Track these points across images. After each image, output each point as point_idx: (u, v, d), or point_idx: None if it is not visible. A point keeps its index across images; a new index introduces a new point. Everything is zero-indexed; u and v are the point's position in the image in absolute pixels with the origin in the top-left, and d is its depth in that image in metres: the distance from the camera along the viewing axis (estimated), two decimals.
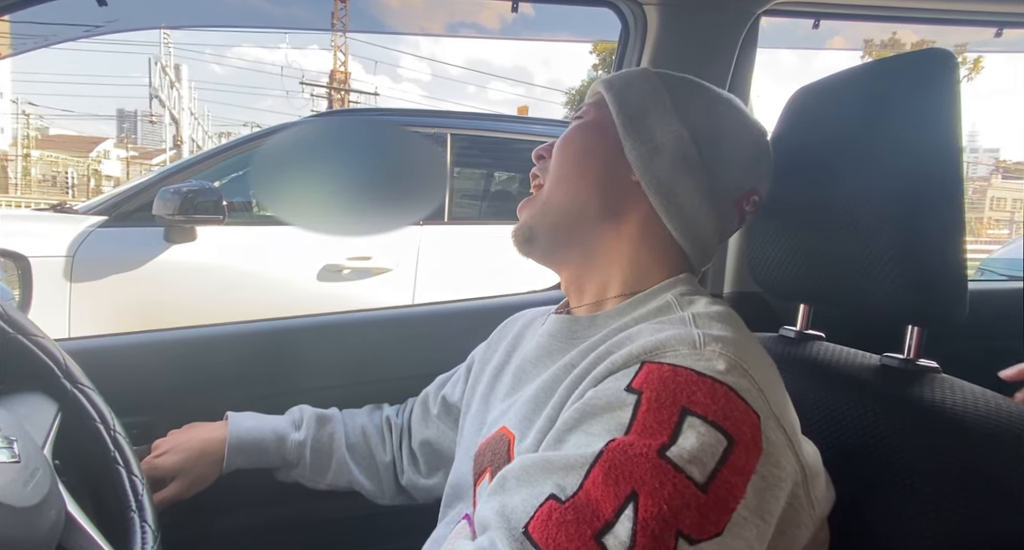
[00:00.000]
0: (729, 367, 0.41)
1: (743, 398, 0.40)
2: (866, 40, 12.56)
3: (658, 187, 0.55)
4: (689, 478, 0.36)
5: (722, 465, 0.37)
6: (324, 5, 17.60)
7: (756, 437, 0.39)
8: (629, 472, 0.37)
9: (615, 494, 0.36)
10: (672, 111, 0.56)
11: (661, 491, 0.36)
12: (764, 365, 0.45)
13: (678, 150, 0.55)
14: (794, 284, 0.65)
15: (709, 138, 0.56)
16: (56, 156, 34.82)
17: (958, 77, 0.51)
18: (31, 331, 0.56)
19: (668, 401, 0.39)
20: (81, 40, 1.06)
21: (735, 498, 0.37)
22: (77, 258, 2.01)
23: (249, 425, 0.78)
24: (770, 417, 0.41)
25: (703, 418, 0.38)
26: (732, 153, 0.56)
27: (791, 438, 0.42)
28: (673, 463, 0.36)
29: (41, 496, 0.43)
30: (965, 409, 0.49)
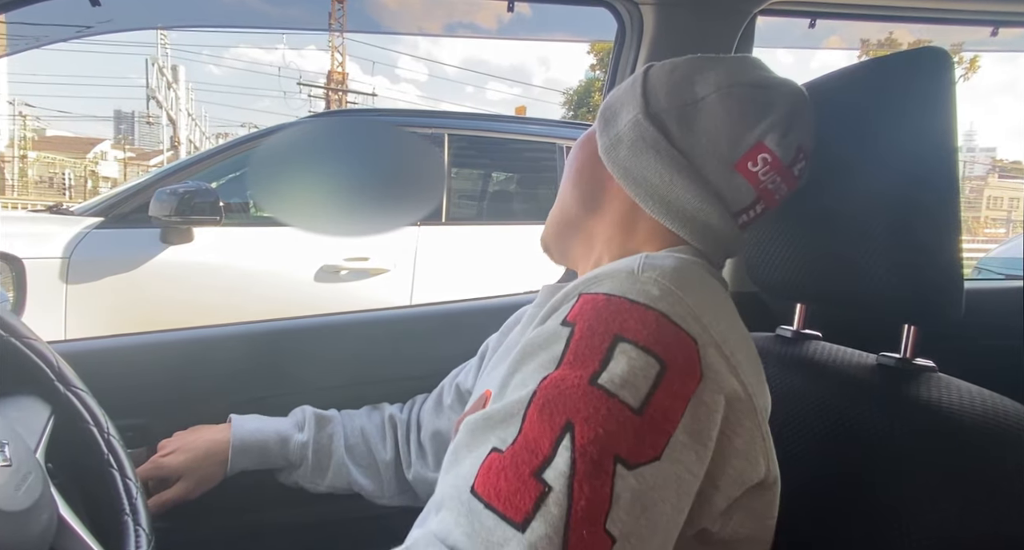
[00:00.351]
0: (663, 293, 0.40)
1: (677, 324, 0.39)
2: (863, 39, 12.60)
3: (624, 174, 0.54)
4: (623, 402, 0.36)
5: (656, 389, 0.37)
6: (321, 6, 17.58)
7: (692, 362, 0.39)
8: (562, 404, 0.36)
9: (551, 428, 0.36)
10: (638, 99, 0.55)
11: (596, 416, 0.35)
12: (705, 294, 0.44)
13: (636, 133, 0.54)
14: (791, 284, 0.65)
15: (676, 112, 0.53)
16: (53, 157, 34.76)
17: (953, 76, 0.51)
18: (24, 334, 0.56)
19: (600, 329, 0.39)
20: (77, 41, 1.06)
21: (671, 422, 0.37)
22: (73, 260, 2.00)
23: (252, 427, 0.79)
24: (709, 344, 0.40)
25: (634, 343, 0.38)
26: (709, 118, 0.52)
27: (734, 366, 0.41)
28: (605, 389, 0.36)
29: (33, 500, 0.43)
30: (962, 408, 0.49)
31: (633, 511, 0.34)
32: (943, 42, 3.56)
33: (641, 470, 0.35)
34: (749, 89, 0.53)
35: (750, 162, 0.52)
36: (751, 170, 0.52)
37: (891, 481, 0.48)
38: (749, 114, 0.52)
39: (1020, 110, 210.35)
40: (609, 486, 0.34)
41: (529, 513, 0.33)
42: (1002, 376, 0.76)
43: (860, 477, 0.50)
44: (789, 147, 0.52)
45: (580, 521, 0.33)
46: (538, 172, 2.72)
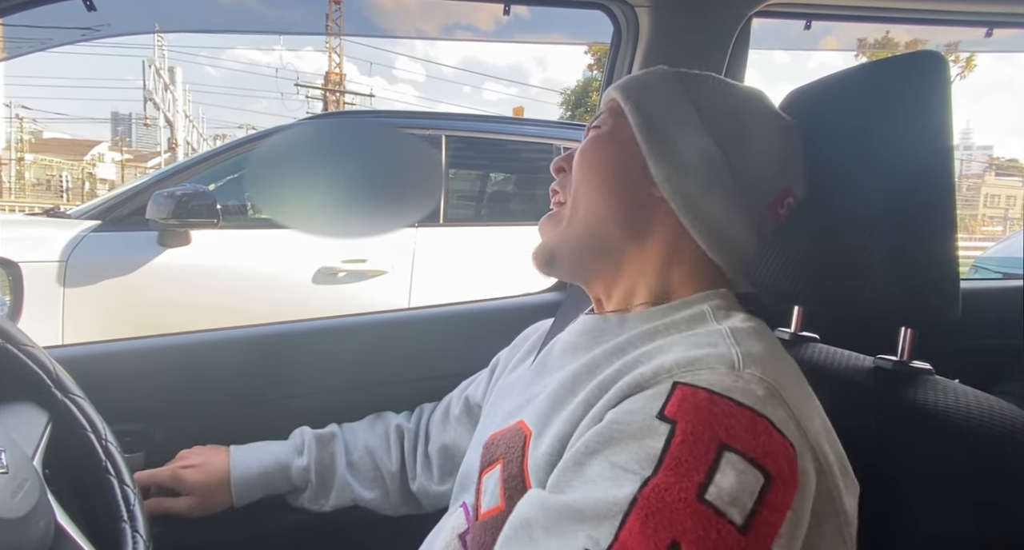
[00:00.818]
0: (768, 395, 0.39)
1: (780, 431, 0.37)
2: (859, 39, 12.61)
3: (688, 206, 0.52)
4: (731, 522, 0.34)
5: (760, 504, 0.35)
6: (319, 7, 17.57)
7: (792, 471, 0.37)
8: (668, 520, 0.34)
9: (655, 544, 0.34)
10: (696, 121, 0.53)
11: (705, 539, 0.33)
12: (799, 388, 0.43)
13: (708, 168, 0.52)
14: (788, 286, 0.66)
15: (737, 147, 0.53)
16: (50, 160, 34.68)
17: (948, 78, 0.52)
18: (20, 340, 0.56)
19: (705, 435, 0.36)
20: (76, 44, 1.06)
21: (771, 536, 0.35)
22: (70, 263, 2.00)
23: (252, 459, 0.78)
24: (805, 447, 0.38)
25: (742, 454, 0.36)
26: (762, 157, 0.53)
27: (825, 469, 0.40)
28: (714, 507, 0.34)
29: (30, 507, 0.43)
30: (958, 411, 0.49)
31: None
32: (939, 42, 3.54)
33: None
34: (784, 128, 0.55)
35: (779, 204, 0.55)
36: (779, 212, 0.55)
37: (888, 484, 0.48)
38: (787, 156, 0.55)
39: (1016, 108, 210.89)
40: None
41: None
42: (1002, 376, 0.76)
43: (859, 480, 0.50)
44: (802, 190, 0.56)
45: None
46: (536, 173, 2.72)
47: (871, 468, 0.49)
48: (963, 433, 0.48)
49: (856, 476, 0.51)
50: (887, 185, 0.53)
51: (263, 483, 0.77)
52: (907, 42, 8.79)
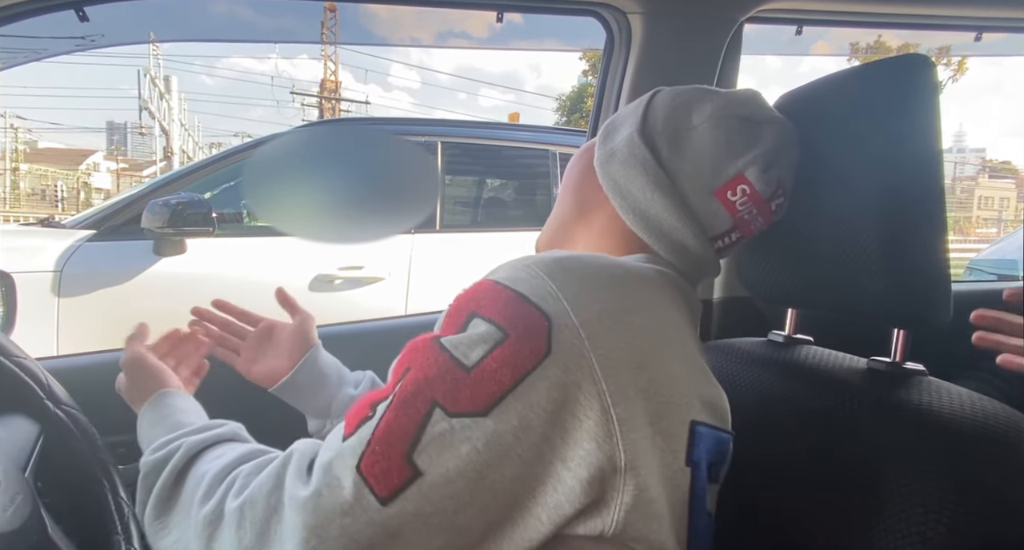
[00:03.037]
0: (528, 277, 0.44)
1: (532, 302, 0.42)
2: (852, 43, 12.72)
3: (612, 186, 0.58)
4: (454, 358, 0.40)
5: (490, 353, 0.40)
6: (314, 16, 17.62)
7: (538, 337, 0.40)
8: (409, 356, 0.42)
9: (397, 374, 0.42)
10: (637, 118, 0.58)
11: (424, 364, 0.41)
12: (584, 282, 0.44)
13: (628, 150, 0.57)
14: (782, 289, 0.66)
15: (668, 135, 0.57)
16: (45, 169, 34.63)
17: (936, 81, 0.52)
18: (12, 352, 0.56)
19: (464, 307, 0.44)
20: (71, 54, 1.06)
21: (498, 384, 0.39)
22: (65, 273, 1.99)
23: (330, 360, 0.82)
24: (566, 326, 0.41)
25: (483, 317, 0.42)
26: (698, 146, 0.56)
27: (591, 349, 0.41)
28: (441, 345, 0.41)
29: (21, 521, 0.43)
30: (952, 412, 0.50)
31: (442, 453, 0.38)
32: (931, 45, 3.61)
33: (461, 420, 0.39)
34: (738, 122, 0.56)
35: (729, 191, 0.55)
36: (729, 199, 0.56)
37: (882, 485, 0.48)
38: (735, 145, 0.56)
39: (1009, 110, 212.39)
40: (417, 422, 0.39)
41: (354, 429, 0.40)
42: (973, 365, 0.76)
43: (852, 482, 0.50)
44: (769, 182, 0.55)
45: (377, 439, 0.39)
46: (532, 179, 2.73)
47: (866, 469, 0.50)
48: (957, 433, 0.48)
49: (850, 477, 0.51)
50: (877, 188, 0.53)
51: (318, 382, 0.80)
52: (899, 46, 8.86)
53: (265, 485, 0.42)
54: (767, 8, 0.97)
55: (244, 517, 0.41)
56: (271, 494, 0.41)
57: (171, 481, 0.48)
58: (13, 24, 0.84)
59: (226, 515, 0.42)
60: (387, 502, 0.38)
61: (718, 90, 0.59)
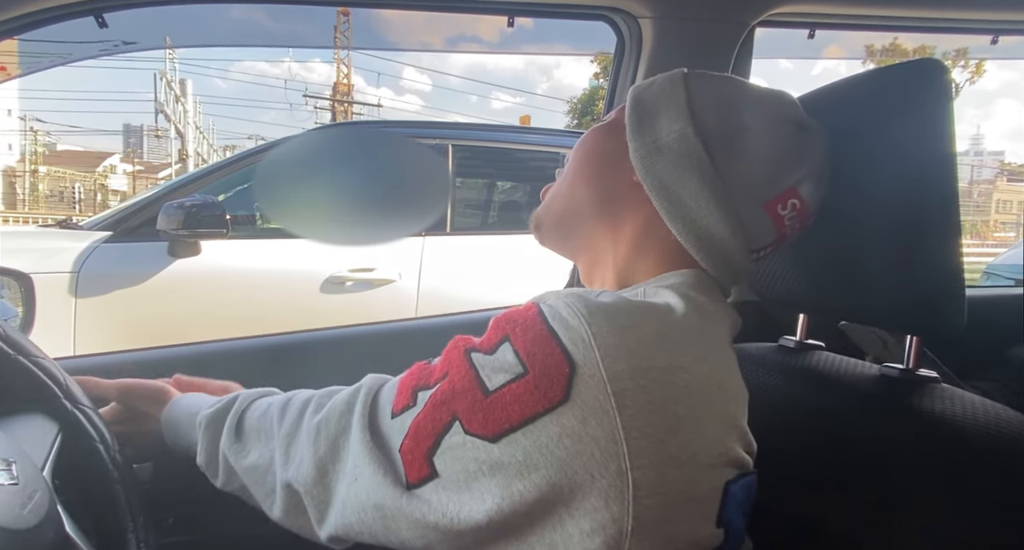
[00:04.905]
0: (568, 315, 0.42)
1: (561, 343, 0.41)
2: (866, 46, 12.59)
3: (659, 188, 0.51)
4: (478, 378, 0.42)
5: (506, 386, 0.41)
6: (327, 20, 17.77)
7: (558, 384, 0.40)
8: (450, 359, 0.45)
9: (441, 369, 0.45)
10: (684, 108, 0.52)
11: (455, 375, 0.43)
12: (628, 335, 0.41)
13: (682, 149, 0.51)
14: (793, 294, 0.65)
15: (723, 135, 0.51)
16: (63, 171, 35.17)
17: (949, 85, 0.52)
18: (31, 352, 0.57)
19: (504, 326, 0.44)
20: (93, 59, 1.08)
21: (508, 419, 0.40)
22: (82, 274, 2.02)
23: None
24: (592, 377, 0.39)
25: (511, 345, 0.42)
26: (754, 151, 0.51)
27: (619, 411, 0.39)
28: (472, 361, 0.43)
29: (39, 518, 0.43)
30: (964, 419, 0.49)
31: (454, 463, 0.41)
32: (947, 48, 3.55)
33: (474, 439, 0.41)
34: (793, 128, 0.52)
35: (780, 205, 0.52)
36: (779, 213, 0.52)
37: (895, 493, 0.48)
38: (791, 156, 0.52)
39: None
40: (439, 429, 0.42)
41: (400, 410, 0.46)
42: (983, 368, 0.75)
43: (863, 489, 0.50)
44: (817, 198, 0.53)
45: (411, 433, 0.44)
46: (543, 181, 2.71)
47: (878, 476, 0.49)
48: (970, 441, 0.47)
49: (861, 483, 0.50)
50: (890, 192, 0.53)
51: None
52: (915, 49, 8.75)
53: (337, 408, 0.50)
54: (779, 12, 0.96)
55: (320, 432, 0.49)
56: (343, 416, 0.49)
57: (238, 416, 0.58)
58: (38, 30, 0.86)
59: (303, 429, 0.51)
60: (412, 488, 0.43)
61: (749, 83, 0.56)
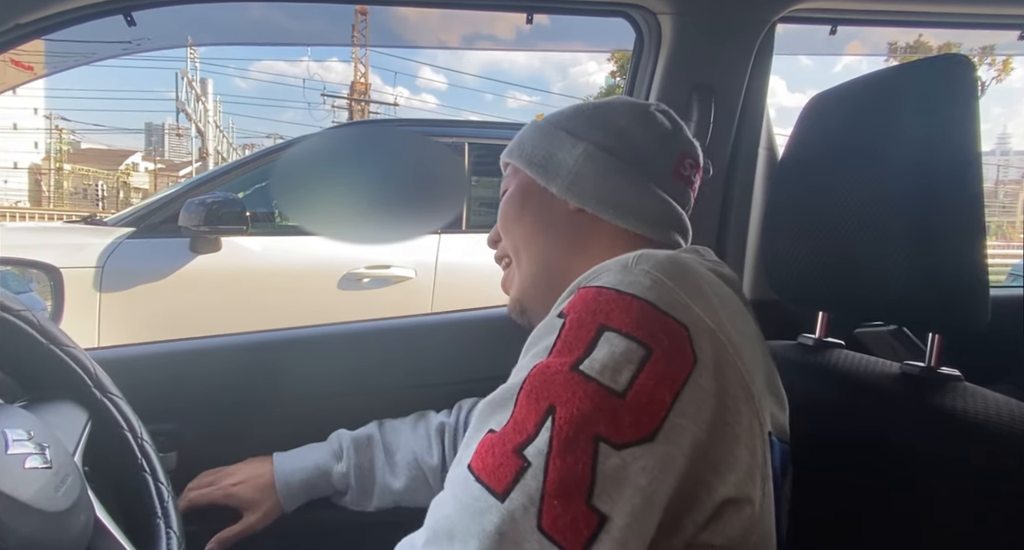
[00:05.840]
0: (653, 283, 0.41)
1: (664, 311, 0.40)
2: (890, 43, 12.35)
3: (598, 200, 0.60)
4: (602, 385, 0.37)
5: (640, 372, 0.38)
6: (345, 19, 17.88)
7: (683, 347, 0.39)
8: (546, 390, 0.38)
9: (535, 411, 0.38)
10: (570, 139, 0.62)
11: (573, 399, 0.37)
12: (701, 283, 0.44)
13: (593, 163, 0.61)
14: (812, 292, 0.65)
15: (614, 138, 0.61)
16: (87, 169, 35.86)
17: (974, 82, 0.51)
18: (63, 341, 0.58)
19: (588, 320, 0.40)
20: (117, 58, 1.10)
21: (660, 403, 0.37)
22: (106, 269, 2.07)
23: (295, 467, 0.81)
24: (703, 331, 0.40)
25: (618, 331, 0.39)
26: (640, 139, 0.62)
27: (732, 353, 0.41)
28: (584, 373, 0.38)
29: (71, 501, 0.45)
30: (988, 417, 0.49)
31: (621, 490, 0.36)
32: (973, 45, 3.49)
33: (631, 450, 0.36)
34: (648, 112, 0.64)
35: (681, 167, 0.63)
36: (683, 173, 0.63)
37: (918, 491, 0.47)
38: (666, 130, 0.63)
39: None
40: (587, 464, 0.36)
41: (509, 485, 0.36)
42: None
43: (886, 487, 0.50)
44: (699, 151, 0.66)
45: (552, 493, 0.35)
46: None
47: (901, 475, 0.49)
48: (994, 439, 0.47)
49: (885, 483, 0.50)
50: (913, 190, 0.52)
51: (307, 489, 0.80)
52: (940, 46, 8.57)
53: None
54: (801, 8, 0.95)
55: None
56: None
57: None
58: (64, 30, 0.88)
59: None
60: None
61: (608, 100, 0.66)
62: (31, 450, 0.45)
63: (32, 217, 17.63)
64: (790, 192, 0.66)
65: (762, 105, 1.01)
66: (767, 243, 0.70)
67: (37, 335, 0.56)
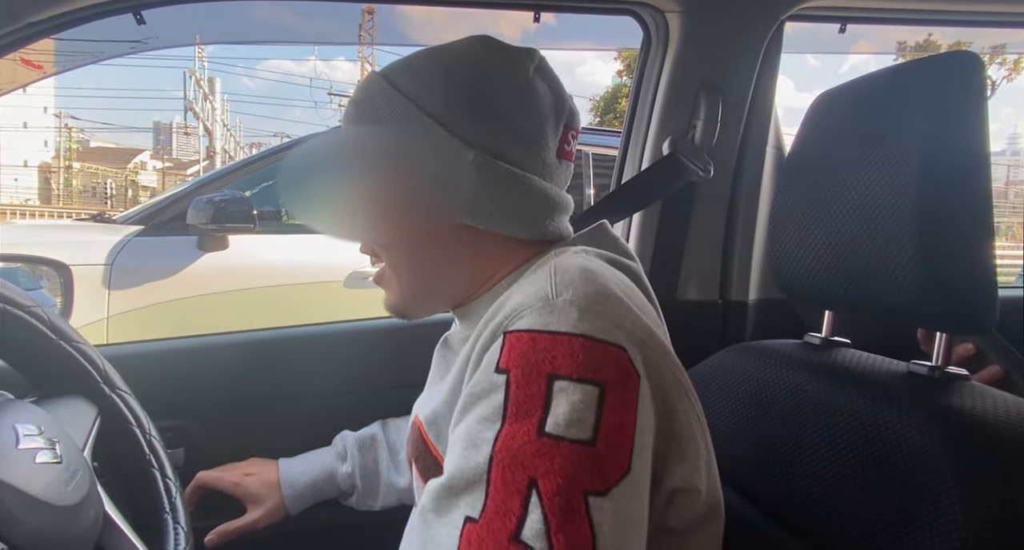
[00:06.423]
0: (582, 313, 0.40)
1: (602, 340, 0.40)
2: (899, 42, 12.26)
3: (497, 218, 0.52)
4: (574, 441, 0.37)
5: (600, 413, 0.37)
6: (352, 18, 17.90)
7: (627, 369, 0.40)
8: (520, 465, 0.37)
9: (516, 490, 0.36)
10: (450, 139, 0.50)
11: (552, 467, 0.36)
12: (611, 287, 0.44)
13: (486, 175, 0.51)
14: (818, 290, 0.65)
15: (499, 132, 0.51)
16: (96, 168, 36.12)
17: (984, 79, 0.51)
18: (73, 337, 0.59)
19: (533, 374, 0.39)
20: (125, 56, 1.11)
21: (627, 435, 0.38)
22: (115, 266, 2.08)
23: (299, 470, 0.81)
24: (635, 344, 0.41)
25: (568, 378, 0.38)
26: (525, 126, 0.52)
27: (662, 355, 0.43)
28: (551, 435, 0.37)
29: (81, 496, 0.45)
30: (996, 417, 0.48)
31: (619, 530, 0.36)
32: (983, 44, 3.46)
33: (616, 490, 0.36)
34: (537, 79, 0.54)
35: (565, 144, 0.55)
36: (567, 149, 0.56)
37: (927, 491, 0.47)
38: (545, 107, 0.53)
39: None
40: (587, 523, 0.35)
41: None
42: None
43: (894, 487, 0.49)
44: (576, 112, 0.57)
45: None
46: None
47: (908, 474, 0.49)
48: (1003, 438, 0.46)
49: (892, 482, 0.50)
50: (920, 189, 0.52)
51: (312, 492, 0.81)
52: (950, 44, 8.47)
53: None
54: (809, 6, 0.95)
55: None
56: None
57: None
58: (72, 29, 0.89)
59: None
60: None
61: (445, 50, 0.54)
62: (42, 445, 0.45)
63: (42, 215, 17.78)
64: (797, 190, 0.66)
65: (770, 104, 1.01)
66: (774, 242, 0.69)
67: (47, 331, 0.57)
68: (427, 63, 0.53)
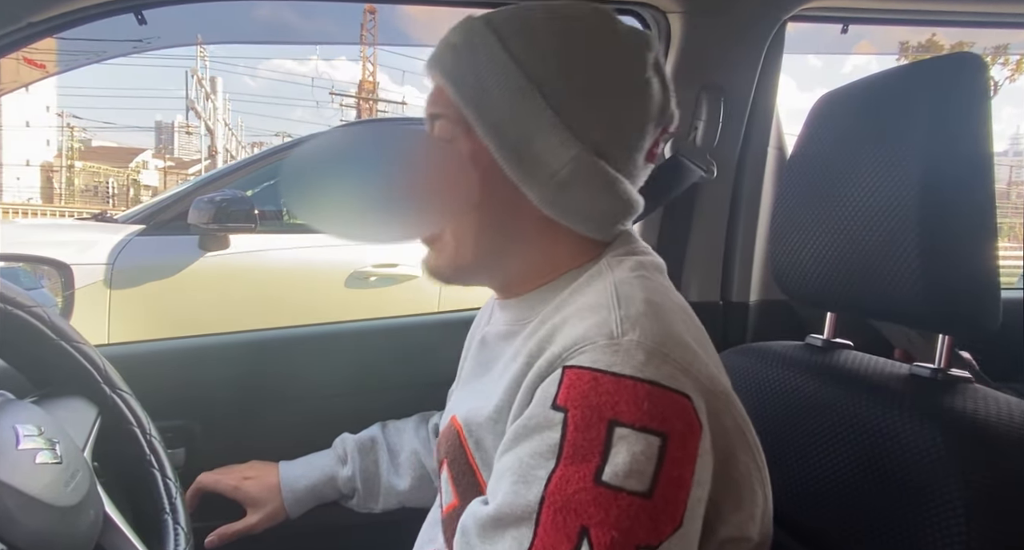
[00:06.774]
0: (648, 357, 0.39)
1: (668, 387, 0.38)
2: (901, 42, 12.23)
3: (579, 217, 0.50)
4: (631, 493, 0.36)
5: (661, 465, 0.37)
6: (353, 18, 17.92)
7: (690, 420, 0.38)
8: (574, 510, 0.36)
9: (567, 537, 0.36)
10: (561, 126, 0.47)
11: (608, 518, 0.36)
12: (682, 335, 0.42)
13: (583, 173, 0.48)
14: (820, 292, 0.65)
15: (607, 131, 0.48)
16: (98, 167, 36.18)
17: (987, 81, 0.51)
18: (73, 337, 0.59)
19: (593, 418, 0.38)
20: (127, 56, 1.11)
21: (684, 488, 0.37)
22: (116, 265, 2.08)
23: (299, 474, 0.81)
24: (699, 391, 0.40)
25: (631, 427, 0.37)
26: (633, 124, 0.50)
27: (726, 403, 0.42)
28: (611, 485, 0.36)
29: (81, 496, 0.45)
30: (999, 419, 0.48)
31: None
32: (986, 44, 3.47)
33: (667, 544, 0.36)
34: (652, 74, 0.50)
35: (655, 147, 0.53)
36: (657, 152, 0.54)
37: (929, 493, 0.47)
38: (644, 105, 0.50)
39: None
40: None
41: None
42: None
43: (896, 489, 0.49)
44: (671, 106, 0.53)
45: None
46: None
47: (911, 477, 0.48)
48: (1005, 440, 0.46)
49: (892, 483, 0.50)
50: (923, 190, 0.52)
51: (312, 496, 0.80)
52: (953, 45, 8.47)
53: None
54: (811, 6, 0.95)
55: None
56: None
57: None
58: (74, 28, 0.89)
59: None
60: None
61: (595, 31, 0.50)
62: (41, 446, 0.45)
63: (44, 214, 17.80)
64: (799, 192, 0.66)
65: (772, 104, 1.01)
66: (775, 243, 0.69)
67: (48, 331, 0.57)
68: (540, 23, 0.48)
